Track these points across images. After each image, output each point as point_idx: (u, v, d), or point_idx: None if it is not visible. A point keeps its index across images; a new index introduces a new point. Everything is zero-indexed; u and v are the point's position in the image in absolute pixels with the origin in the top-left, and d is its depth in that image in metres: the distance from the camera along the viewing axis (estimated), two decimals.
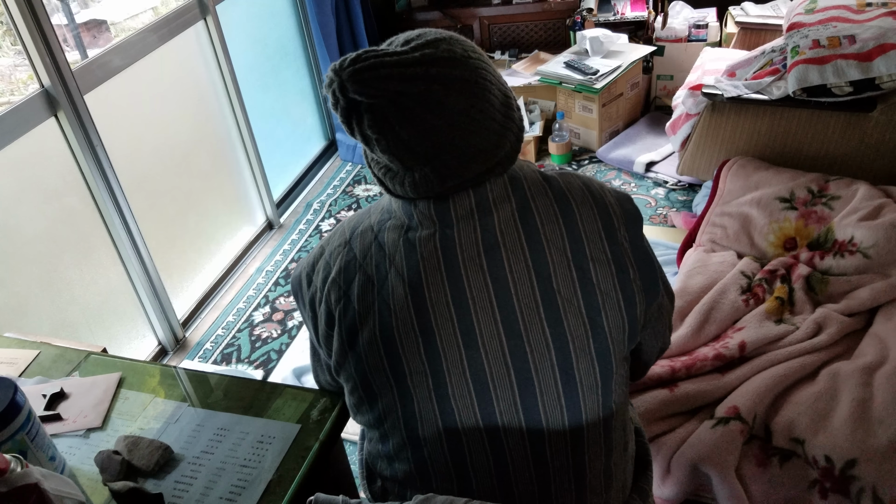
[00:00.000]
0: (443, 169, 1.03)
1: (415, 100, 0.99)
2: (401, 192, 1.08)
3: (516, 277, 1.08)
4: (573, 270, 1.08)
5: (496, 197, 1.08)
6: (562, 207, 1.11)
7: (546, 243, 1.08)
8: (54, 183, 2.28)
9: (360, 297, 1.10)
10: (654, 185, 3.35)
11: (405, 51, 1.00)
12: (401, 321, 1.08)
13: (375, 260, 1.11)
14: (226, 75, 3.07)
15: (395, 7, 4.26)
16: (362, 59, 0.97)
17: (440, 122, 1.00)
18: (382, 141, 1.01)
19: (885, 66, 2.38)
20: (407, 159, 1.03)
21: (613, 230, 1.12)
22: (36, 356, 1.51)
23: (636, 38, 3.90)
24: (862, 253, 2.13)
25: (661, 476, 1.76)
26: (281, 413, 1.29)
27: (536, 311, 1.07)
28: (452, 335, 1.08)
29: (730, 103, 2.73)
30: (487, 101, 1.04)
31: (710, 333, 2.08)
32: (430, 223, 1.08)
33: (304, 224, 3.49)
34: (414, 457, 1.15)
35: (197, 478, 1.20)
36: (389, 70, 0.97)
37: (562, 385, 1.10)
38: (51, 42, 2.14)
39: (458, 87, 1.01)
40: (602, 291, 1.09)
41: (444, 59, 1.01)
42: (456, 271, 1.08)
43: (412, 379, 1.10)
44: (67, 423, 1.33)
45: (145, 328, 2.72)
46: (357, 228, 1.15)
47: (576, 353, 1.09)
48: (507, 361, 1.09)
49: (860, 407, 1.72)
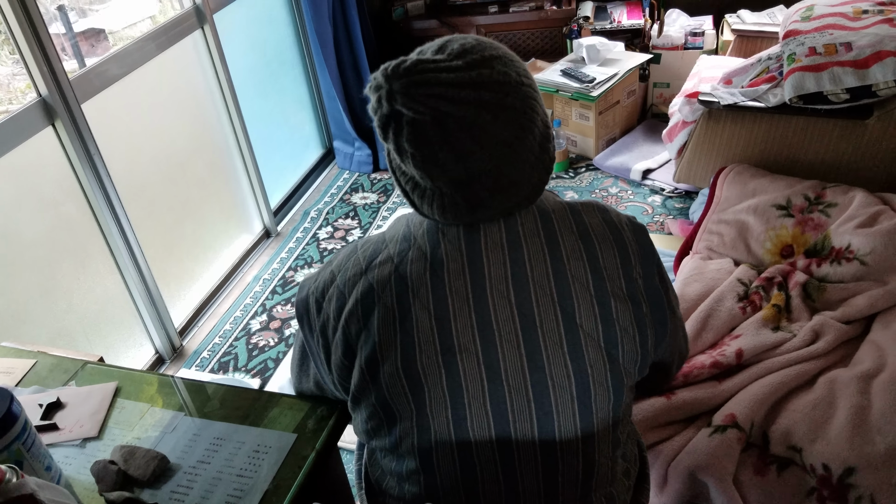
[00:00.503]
0: (473, 198, 1.02)
1: (460, 123, 0.96)
2: (428, 212, 1.06)
3: (542, 311, 1.07)
4: (595, 306, 1.08)
5: (527, 231, 1.08)
6: (585, 244, 1.10)
7: (571, 279, 1.08)
8: (51, 191, 2.28)
9: (381, 330, 1.08)
10: (651, 192, 3.36)
11: (460, 66, 0.97)
12: (425, 354, 1.07)
13: (396, 292, 1.09)
14: (223, 84, 3.07)
15: (393, 15, 4.27)
16: (417, 70, 0.94)
17: (480, 150, 0.98)
18: (418, 156, 0.99)
19: (882, 73, 2.38)
20: (438, 179, 1.01)
21: (630, 267, 1.12)
22: (32, 365, 1.51)
23: (633, 46, 3.91)
24: (859, 260, 2.13)
25: (658, 485, 1.76)
26: (277, 422, 1.29)
27: (560, 345, 1.07)
28: (476, 367, 1.07)
29: (726, 111, 2.73)
30: (530, 133, 1.03)
31: (708, 341, 2.08)
32: (457, 254, 1.07)
33: (301, 232, 3.49)
34: (426, 482, 1.15)
35: (193, 488, 1.19)
36: (443, 90, 0.94)
37: (579, 417, 1.10)
38: (48, 51, 2.14)
39: (505, 117, 0.99)
40: (621, 327, 1.10)
41: (497, 83, 0.98)
42: (484, 303, 1.07)
43: (432, 408, 1.09)
44: (64, 433, 1.33)
45: (142, 337, 2.71)
46: (375, 259, 1.12)
47: (594, 387, 1.09)
48: (528, 395, 1.08)
49: (858, 415, 1.72)
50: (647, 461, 1.42)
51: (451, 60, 0.98)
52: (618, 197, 3.36)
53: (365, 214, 3.53)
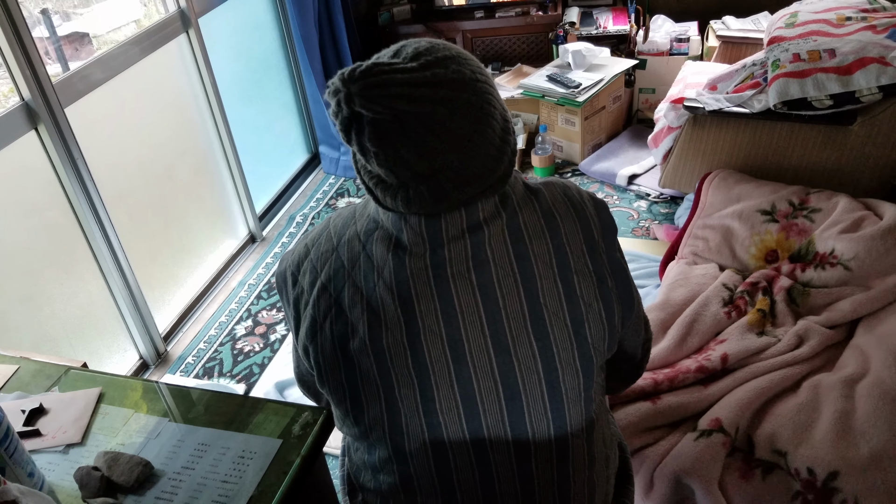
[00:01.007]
0: (438, 190, 1.03)
1: (419, 120, 0.98)
2: (391, 205, 1.07)
3: (505, 292, 1.08)
4: (559, 284, 1.09)
5: (487, 215, 1.08)
6: (547, 221, 1.11)
7: (533, 258, 1.09)
8: (35, 197, 2.26)
9: (351, 308, 1.10)
10: (637, 197, 3.37)
11: (415, 67, 0.99)
12: (390, 333, 1.08)
13: (364, 270, 1.11)
14: (208, 88, 3.06)
15: (379, 20, 4.27)
16: (373, 73, 0.96)
17: (441, 145, 1.00)
18: (381, 155, 1.00)
19: (865, 79, 2.40)
20: (403, 175, 1.02)
21: (594, 243, 1.13)
22: (15, 371, 1.49)
23: (618, 51, 3.92)
24: (843, 265, 2.15)
25: (644, 489, 1.76)
26: (262, 428, 1.28)
27: (524, 324, 1.08)
28: (441, 349, 1.08)
29: (711, 116, 2.75)
30: (489, 126, 1.04)
31: (693, 346, 2.08)
32: (420, 242, 1.08)
33: (286, 237, 3.48)
34: (399, 470, 1.15)
35: (177, 494, 1.18)
36: (399, 89, 0.96)
37: (548, 397, 1.10)
38: (31, 55, 2.13)
39: (462, 112, 1.01)
40: (585, 303, 1.10)
41: (453, 80, 1.00)
42: (445, 285, 1.08)
43: (400, 391, 1.09)
44: (46, 439, 1.32)
45: (127, 342, 2.70)
46: (343, 235, 1.15)
47: (561, 366, 1.10)
48: (494, 375, 1.09)
49: (842, 419, 1.73)
50: (629, 462, 1.43)
51: (407, 63, 1.00)
52: None
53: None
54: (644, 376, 1.96)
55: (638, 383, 1.93)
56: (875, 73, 2.39)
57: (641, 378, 1.95)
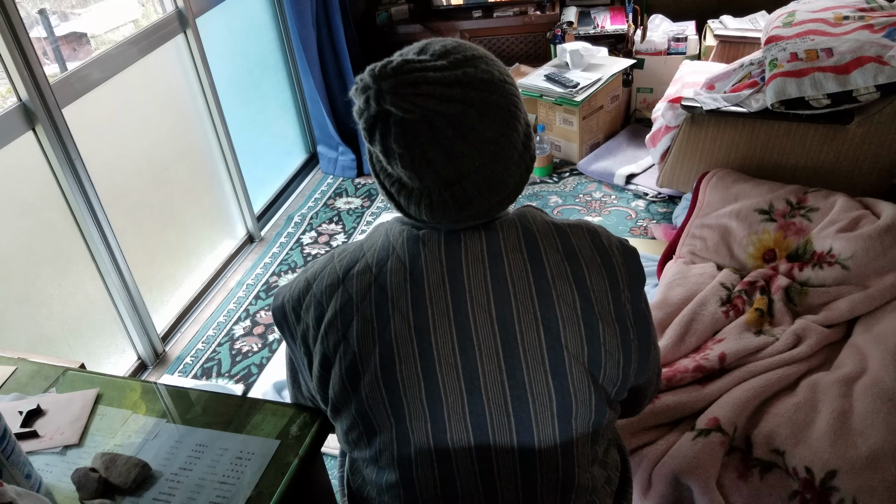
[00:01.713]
0: (462, 196, 1.01)
1: (448, 122, 0.96)
2: (415, 213, 1.05)
3: (524, 328, 1.06)
4: (582, 328, 1.07)
5: (509, 247, 1.07)
6: (571, 264, 1.09)
7: (556, 299, 1.07)
8: (32, 197, 2.26)
9: (360, 341, 1.08)
10: (635, 197, 3.37)
11: (445, 66, 0.97)
12: (404, 364, 1.06)
13: (376, 302, 1.08)
14: (206, 88, 3.06)
15: (377, 20, 4.26)
16: (405, 70, 0.94)
17: (469, 149, 0.99)
18: (406, 157, 0.98)
19: (862, 78, 2.40)
20: (427, 179, 1.00)
21: (619, 292, 1.11)
22: (13, 372, 1.49)
23: (616, 51, 3.92)
24: (840, 264, 2.15)
25: (642, 489, 1.76)
26: (260, 429, 1.28)
27: (542, 363, 1.06)
28: (455, 379, 1.07)
29: (709, 116, 2.75)
30: (514, 130, 1.03)
31: (691, 345, 2.08)
32: (437, 265, 1.07)
33: (284, 237, 3.48)
34: (405, 496, 1.14)
35: (175, 495, 1.18)
36: (431, 88, 0.94)
37: (559, 433, 1.10)
38: (28, 55, 2.13)
39: (491, 114, 0.99)
40: (606, 350, 1.09)
41: (482, 80, 0.99)
42: (464, 315, 1.06)
43: (412, 423, 1.08)
44: (44, 441, 1.32)
45: (125, 343, 2.70)
46: (352, 269, 1.11)
47: (577, 406, 1.09)
48: (508, 409, 1.08)
49: (840, 418, 1.73)
50: (629, 465, 1.42)
51: (436, 60, 0.98)
52: (601, 202, 3.37)
53: (349, 219, 3.52)
54: None
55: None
56: (872, 72, 2.39)
57: None
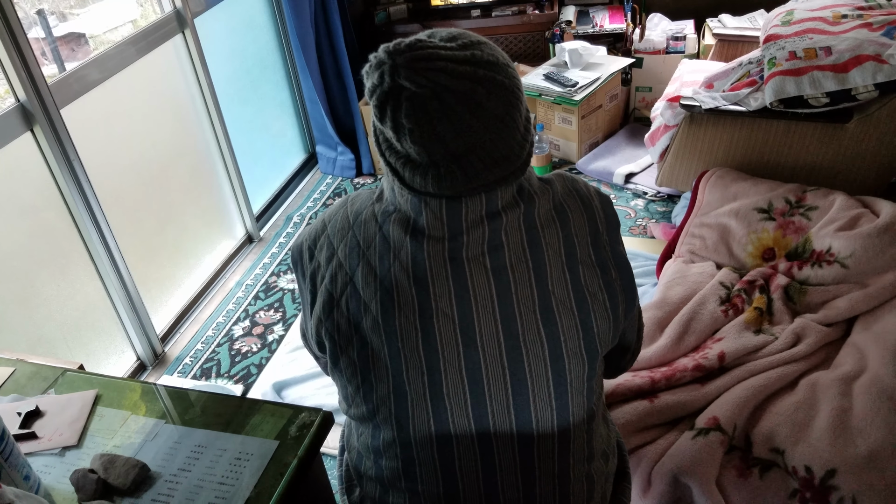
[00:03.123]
0: (469, 168, 1.04)
1: (458, 97, 1.00)
2: (420, 185, 1.08)
3: (517, 277, 1.10)
4: (566, 272, 1.12)
5: (505, 203, 1.10)
6: (559, 212, 1.14)
7: (545, 245, 1.11)
8: (30, 198, 2.26)
9: (364, 286, 1.12)
10: (634, 196, 3.37)
11: (454, 47, 1.02)
12: (402, 314, 1.10)
13: (379, 251, 1.12)
14: (204, 88, 3.06)
15: (375, 20, 4.26)
16: (418, 47, 0.99)
17: (477, 123, 1.02)
18: (416, 132, 1.02)
19: (861, 77, 2.40)
20: (436, 153, 1.03)
21: (598, 235, 1.16)
22: (11, 373, 1.49)
23: (615, 50, 3.92)
24: (840, 263, 2.15)
25: (641, 488, 1.76)
26: (259, 429, 1.28)
27: (533, 311, 1.10)
28: (452, 332, 1.10)
29: (708, 115, 2.75)
30: (518, 111, 1.07)
31: (690, 344, 2.08)
32: (438, 223, 1.09)
33: (284, 237, 3.48)
34: (402, 455, 1.16)
35: (174, 496, 1.18)
36: (444, 63, 0.99)
37: (553, 386, 1.12)
38: (26, 56, 2.12)
39: (498, 93, 1.03)
40: (590, 293, 1.13)
41: (489, 62, 1.03)
42: (460, 268, 1.10)
43: (408, 374, 1.11)
44: (42, 442, 1.32)
45: (124, 343, 2.70)
46: (360, 215, 1.17)
47: (567, 355, 1.12)
48: (503, 361, 1.11)
49: (839, 417, 1.73)
50: (627, 460, 1.43)
51: (446, 42, 1.03)
52: None
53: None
54: (641, 375, 1.96)
55: (635, 382, 1.93)
56: (871, 70, 2.39)
57: (639, 377, 1.95)
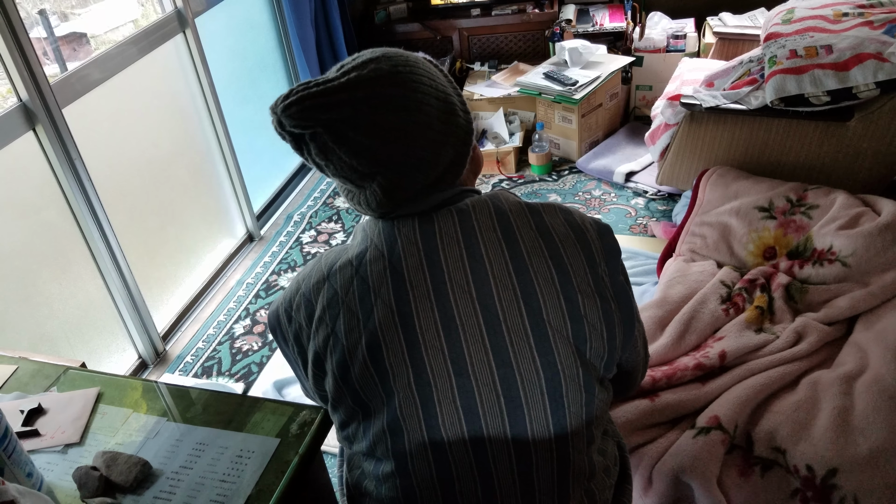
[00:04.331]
0: (386, 184, 1.07)
1: (346, 124, 1.03)
2: (374, 207, 1.11)
3: (505, 306, 1.09)
4: (562, 301, 1.09)
5: (482, 227, 1.10)
6: (546, 241, 1.12)
7: (534, 274, 1.09)
8: (32, 197, 2.26)
9: (347, 333, 1.11)
10: (634, 195, 3.37)
11: (331, 78, 1.05)
12: (391, 351, 1.09)
13: (359, 294, 1.11)
14: (205, 88, 3.06)
15: (375, 19, 4.26)
16: (292, 94, 1.03)
17: (373, 142, 1.04)
18: (331, 166, 1.07)
19: (862, 75, 2.40)
20: (355, 179, 1.08)
21: (596, 265, 1.13)
22: (14, 371, 1.49)
23: (615, 48, 3.92)
24: (841, 262, 2.15)
25: (642, 487, 1.76)
26: (260, 427, 1.28)
27: (526, 340, 1.09)
28: (443, 363, 1.09)
29: (708, 113, 2.75)
30: (422, 112, 1.07)
31: (691, 343, 2.08)
32: (414, 249, 1.10)
33: (284, 236, 3.48)
34: (402, 485, 1.15)
35: (176, 493, 1.18)
36: (314, 100, 1.02)
37: (551, 412, 1.11)
38: (28, 56, 2.13)
39: (384, 106, 1.05)
40: (589, 322, 1.11)
41: (369, 79, 1.05)
42: (445, 298, 1.09)
43: (402, 409, 1.10)
44: (45, 439, 1.32)
45: (125, 342, 2.70)
46: (335, 265, 1.16)
47: (566, 382, 1.10)
48: (496, 388, 1.09)
49: (841, 416, 1.73)
50: (628, 462, 1.43)
51: (329, 75, 1.07)
52: (601, 199, 3.37)
53: (348, 218, 3.52)
54: None
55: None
56: (872, 68, 2.39)
57: None
